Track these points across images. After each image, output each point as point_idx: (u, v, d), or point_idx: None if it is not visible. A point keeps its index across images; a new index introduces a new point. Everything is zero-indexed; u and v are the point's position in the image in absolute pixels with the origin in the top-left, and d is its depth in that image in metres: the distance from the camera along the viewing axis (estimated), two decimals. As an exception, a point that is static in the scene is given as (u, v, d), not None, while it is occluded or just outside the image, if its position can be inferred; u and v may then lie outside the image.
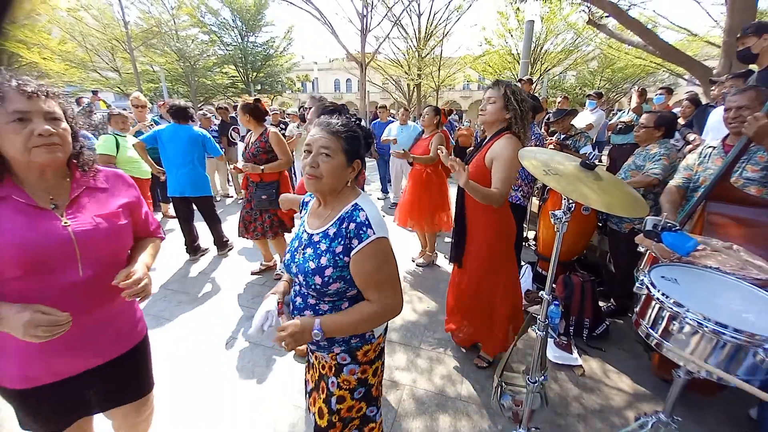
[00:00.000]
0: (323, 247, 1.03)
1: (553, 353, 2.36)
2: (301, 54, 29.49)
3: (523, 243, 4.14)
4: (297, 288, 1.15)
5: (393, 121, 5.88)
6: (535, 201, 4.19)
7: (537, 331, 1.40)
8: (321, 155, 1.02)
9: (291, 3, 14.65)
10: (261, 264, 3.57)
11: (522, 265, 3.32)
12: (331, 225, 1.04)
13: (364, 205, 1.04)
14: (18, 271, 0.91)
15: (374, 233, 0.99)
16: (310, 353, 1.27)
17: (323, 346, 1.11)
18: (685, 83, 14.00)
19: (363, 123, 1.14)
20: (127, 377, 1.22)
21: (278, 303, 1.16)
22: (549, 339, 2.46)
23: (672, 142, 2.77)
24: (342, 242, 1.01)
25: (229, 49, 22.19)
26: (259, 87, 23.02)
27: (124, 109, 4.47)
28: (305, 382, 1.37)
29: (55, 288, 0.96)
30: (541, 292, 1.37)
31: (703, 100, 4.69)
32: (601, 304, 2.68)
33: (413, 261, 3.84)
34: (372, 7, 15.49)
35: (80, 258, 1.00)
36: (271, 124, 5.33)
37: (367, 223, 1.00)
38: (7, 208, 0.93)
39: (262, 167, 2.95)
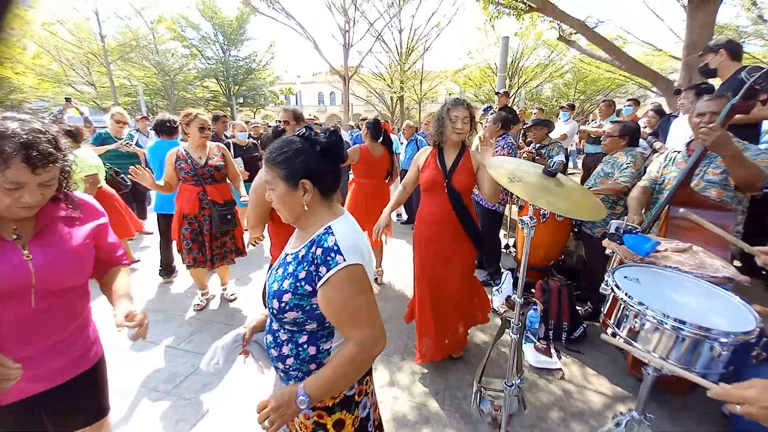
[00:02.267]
0: (290, 269, 0.96)
1: (533, 358, 2.39)
2: (285, 68, 29.76)
3: (504, 249, 4.22)
4: (268, 308, 1.07)
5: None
6: (514, 209, 4.31)
7: (511, 334, 1.42)
8: (269, 188, 0.99)
9: (273, 18, 14.81)
10: (201, 298, 3.17)
11: (502, 272, 3.38)
12: (303, 247, 0.97)
13: (338, 228, 0.94)
14: None
15: (344, 260, 0.88)
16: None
17: (284, 380, 1.03)
18: (653, 95, 14.77)
19: (317, 130, 1.00)
20: (81, 401, 1.18)
21: (243, 338, 1.09)
22: (529, 344, 2.51)
23: (639, 150, 2.91)
24: (306, 268, 0.92)
25: (211, 63, 22.13)
26: (241, 100, 22.97)
27: (89, 123, 4.34)
28: None
29: (1, 318, 0.94)
30: (513, 295, 1.40)
31: (667, 111, 4.97)
32: (578, 307, 2.75)
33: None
34: (354, 23, 15.84)
35: (34, 290, 0.97)
36: (251, 137, 5.31)
37: (335, 248, 0.89)
38: None
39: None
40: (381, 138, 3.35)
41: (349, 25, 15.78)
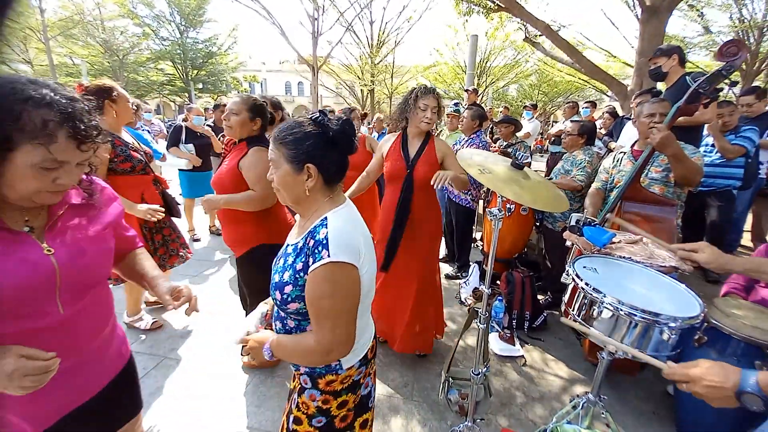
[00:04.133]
0: (290, 261, 0.95)
1: (498, 346, 2.47)
2: (249, 54, 28.30)
3: (472, 243, 4.34)
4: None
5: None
6: (482, 204, 4.43)
7: (479, 324, 1.45)
8: (272, 167, 0.96)
9: (236, 0, 14.03)
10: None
11: (470, 264, 3.46)
12: (302, 238, 0.94)
13: (333, 220, 0.91)
14: None
15: (328, 255, 0.85)
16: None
17: (291, 365, 1.05)
18: (608, 99, 15.83)
19: (333, 117, 0.97)
20: (122, 399, 1.10)
21: (266, 314, 1.10)
22: (494, 333, 2.59)
23: (595, 149, 3.09)
24: (303, 259, 0.91)
25: (166, 45, 20.58)
26: (200, 86, 21.62)
27: None
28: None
29: (28, 332, 0.78)
30: (481, 285, 1.42)
31: (620, 113, 5.32)
32: (539, 297, 2.88)
33: None
34: (323, 11, 15.41)
35: (60, 292, 0.82)
36: (212, 124, 4.99)
37: (324, 242, 0.87)
38: None
39: None
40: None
41: (318, 13, 15.32)
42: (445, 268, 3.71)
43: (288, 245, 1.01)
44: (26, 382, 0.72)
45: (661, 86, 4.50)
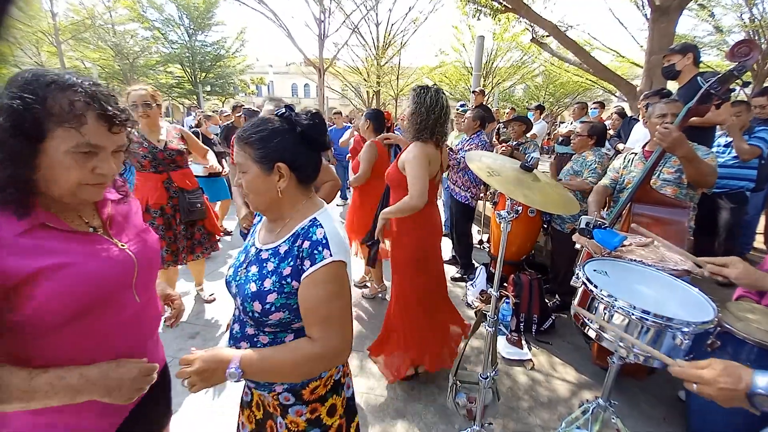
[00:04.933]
0: (270, 267, 0.87)
1: (505, 349, 2.45)
2: (256, 56, 28.52)
3: (477, 245, 4.32)
4: (236, 313, 0.98)
5: (349, 127, 5.91)
6: (488, 206, 4.41)
7: (487, 327, 1.44)
8: (239, 171, 0.88)
9: (243, 3, 14.17)
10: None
11: (476, 266, 3.44)
12: (284, 242, 0.88)
13: (325, 220, 0.88)
14: (74, 312, 0.73)
15: (331, 255, 0.82)
16: (248, 389, 1.07)
17: (261, 384, 0.93)
18: (616, 99, 15.67)
19: (297, 111, 0.90)
20: (159, 404, 1.06)
21: (227, 326, 1.04)
22: (502, 336, 2.57)
23: (604, 150, 3.06)
24: (292, 263, 0.84)
25: (175, 48, 20.77)
26: (208, 88, 21.82)
27: None
28: (237, 426, 1.13)
29: (112, 324, 0.80)
30: (488, 288, 1.41)
31: (629, 114, 5.26)
32: (547, 300, 2.85)
33: (358, 287, 3.41)
34: (330, 14, 15.49)
35: (135, 283, 0.85)
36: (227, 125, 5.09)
37: (323, 242, 0.83)
38: (51, 237, 0.73)
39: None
40: (385, 131, 2.93)
41: (324, 15, 15.39)
42: (451, 271, 3.70)
43: (260, 249, 0.92)
44: (142, 384, 0.78)
45: (671, 86, 4.45)
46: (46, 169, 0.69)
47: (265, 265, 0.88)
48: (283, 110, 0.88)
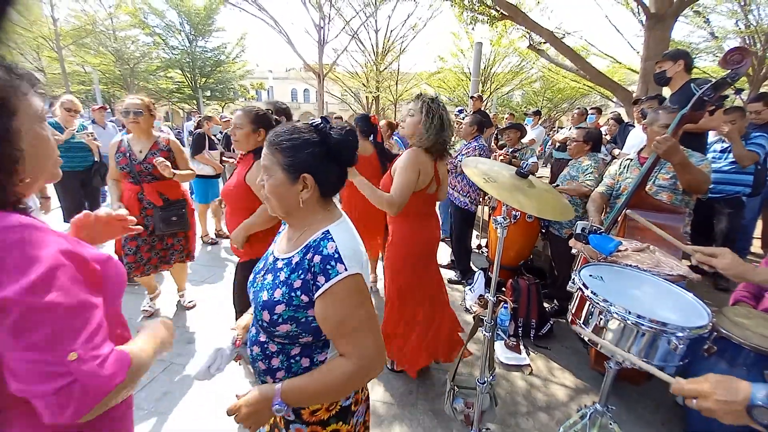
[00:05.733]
0: (282, 277, 0.86)
1: (503, 354, 2.45)
2: (256, 62, 28.71)
3: (476, 249, 4.33)
4: (254, 317, 0.97)
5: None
6: (487, 210, 4.43)
7: (485, 332, 1.44)
8: (264, 174, 0.89)
9: (243, 10, 14.30)
10: (150, 302, 2.86)
11: (474, 271, 3.45)
12: (297, 252, 0.87)
13: (337, 233, 0.86)
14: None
15: (345, 269, 0.80)
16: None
17: None
18: (613, 105, 15.78)
19: (333, 125, 0.89)
20: None
21: (236, 340, 1.01)
22: (500, 341, 2.57)
23: (600, 155, 3.08)
24: (302, 277, 0.83)
25: (175, 53, 20.94)
26: (208, 93, 21.92)
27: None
28: None
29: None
30: (486, 293, 1.42)
31: (625, 119, 5.31)
32: (545, 305, 2.85)
33: None
34: (329, 20, 15.62)
35: None
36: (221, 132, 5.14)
37: (336, 256, 0.81)
38: None
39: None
40: (372, 135, 3.03)
41: (324, 22, 15.53)
42: (449, 274, 3.70)
43: (276, 259, 0.92)
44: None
45: (666, 93, 4.50)
46: (28, 149, 0.66)
47: (278, 274, 0.88)
48: (319, 122, 0.88)
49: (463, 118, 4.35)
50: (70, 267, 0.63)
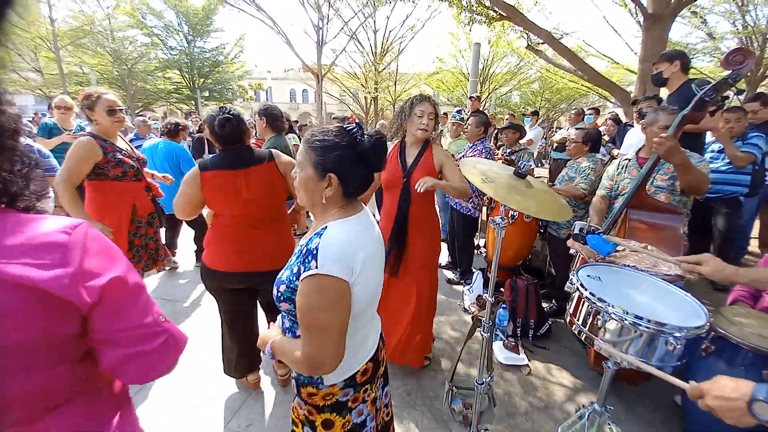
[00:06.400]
0: (293, 260, 0.95)
1: (502, 355, 2.45)
2: (254, 62, 28.66)
3: (475, 251, 4.32)
4: None
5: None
6: (485, 210, 4.43)
7: (482, 332, 1.44)
8: (298, 167, 0.97)
9: (242, 10, 14.29)
10: None
11: (473, 271, 3.45)
12: (306, 242, 0.94)
13: (332, 231, 0.89)
14: None
15: (316, 267, 0.83)
16: None
17: None
18: (611, 105, 15.82)
19: (362, 131, 0.96)
20: None
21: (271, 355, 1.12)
22: (498, 341, 2.57)
23: (599, 156, 3.09)
24: (299, 264, 0.90)
25: (174, 54, 20.89)
26: (206, 94, 21.88)
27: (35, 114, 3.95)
28: None
29: None
30: (484, 293, 1.42)
31: (623, 119, 5.32)
32: (543, 305, 2.85)
33: None
34: (328, 21, 15.63)
35: None
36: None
37: (314, 252, 0.85)
38: None
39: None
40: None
41: (322, 23, 15.53)
42: (448, 274, 3.70)
43: (301, 245, 1.00)
44: None
45: (664, 92, 4.51)
46: None
47: (292, 258, 0.97)
48: (352, 127, 0.94)
49: (462, 119, 4.35)
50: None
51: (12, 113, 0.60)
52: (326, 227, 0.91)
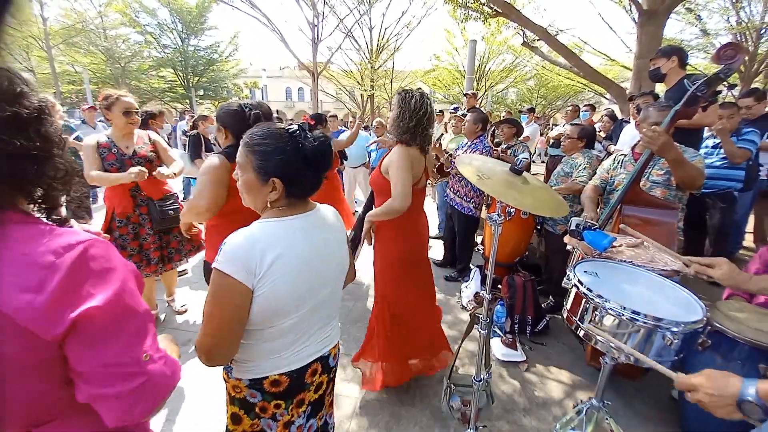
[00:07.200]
0: None
1: (500, 351, 2.45)
2: (249, 60, 28.48)
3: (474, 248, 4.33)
4: None
5: (344, 131, 5.92)
6: (483, 207, 4.43)
7: (480, 329, 1.44)
8: (239, 170, 0.93)
9: (236, 8, 14.18)
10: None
11: (471, 268, 3.45)
12: None
13: (245, 230, 0.88)
14: None
15: (217, 262, 0.84)
16: None
17: None
18: (606, 102, 15.87)
19: (305, 131, 0.92)
20: None
21: None
22: (496, 338, 2.57)
23: (595, 152, 3.09)
24: None
25: (168, 52, 20.68)
26: (201, 92, 21.71)
27: None
28: None
29: None
30: (482, 290, 1.41)
31: (619, 116, 5.33)
32: (541, 301, 2.86)
33: None
34: (323, 18, 15.53)
35: None
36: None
37: (222, 246, 0.86)
38: None
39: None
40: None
41: (318, 20, 15.44)
42: (445, 272, 3.70)
43: None
44: None
45: (659, 89, 4.52)
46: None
47: None
48: (294, 129, 0.91)
49: (464, 114, 4.33)
50: (131, 273, 0.66)
51: (59, 125, 0.64)
52: (252, 224, 0.90)
